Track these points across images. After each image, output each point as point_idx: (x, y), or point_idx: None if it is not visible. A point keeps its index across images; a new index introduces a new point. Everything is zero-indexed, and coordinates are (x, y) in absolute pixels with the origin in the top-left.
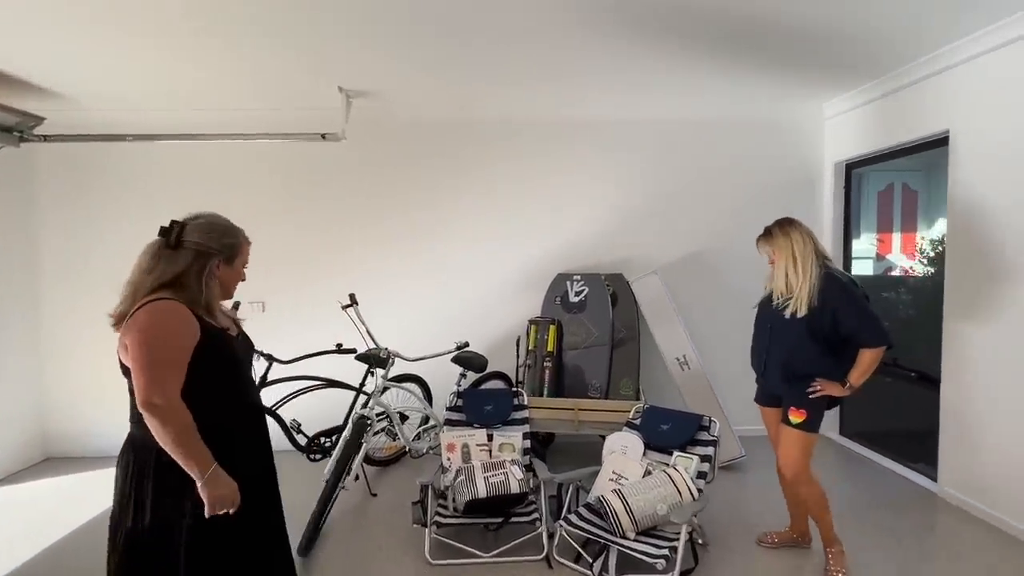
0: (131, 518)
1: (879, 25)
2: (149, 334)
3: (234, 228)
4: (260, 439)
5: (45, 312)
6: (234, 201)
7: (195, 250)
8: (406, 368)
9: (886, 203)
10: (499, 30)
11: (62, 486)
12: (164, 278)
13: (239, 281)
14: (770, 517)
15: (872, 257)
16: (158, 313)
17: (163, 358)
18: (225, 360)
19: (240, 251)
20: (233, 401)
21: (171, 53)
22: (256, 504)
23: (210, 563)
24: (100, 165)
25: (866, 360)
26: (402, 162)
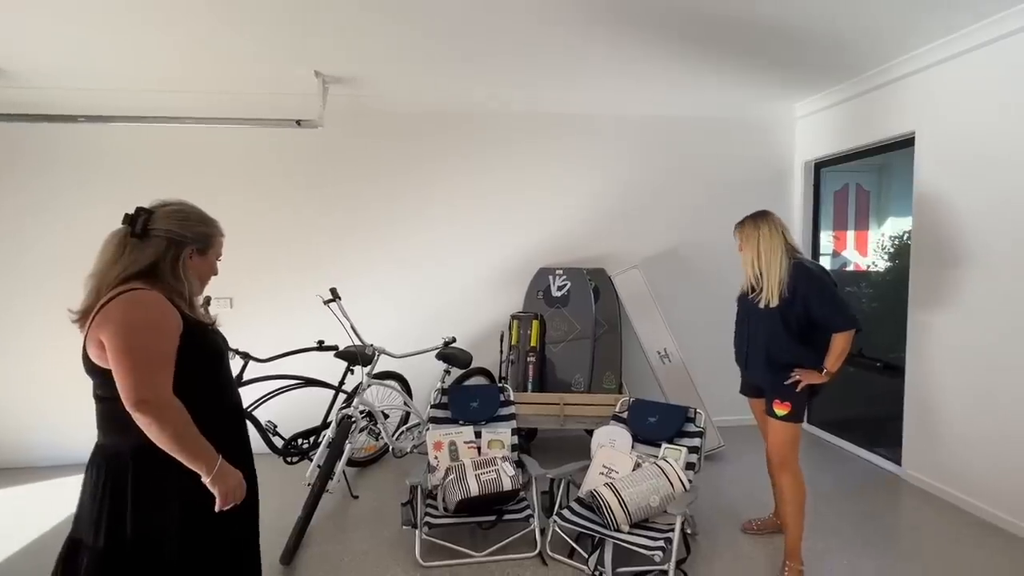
0: (103, 537)
1: (850, 28)
2: (132, 326)
3: (209, 218)
4: (242, 443)
5: None
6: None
7: (167, 238)
8: (386, 365)
9: (841, 202)
10: (481, 21)
11: (12, 498)
12: (132, 269)
13: (211, 275)
14: (751, 504)
15: (829, 254)
16: (139, 303)
17: (151, 351)
18: (209, 357)
19: (214, 242)
20: (216, 402)
21: (130, 26)
22: (239, 513)
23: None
24: (47, 148)
25: (839, 344)
26: (382, 152)
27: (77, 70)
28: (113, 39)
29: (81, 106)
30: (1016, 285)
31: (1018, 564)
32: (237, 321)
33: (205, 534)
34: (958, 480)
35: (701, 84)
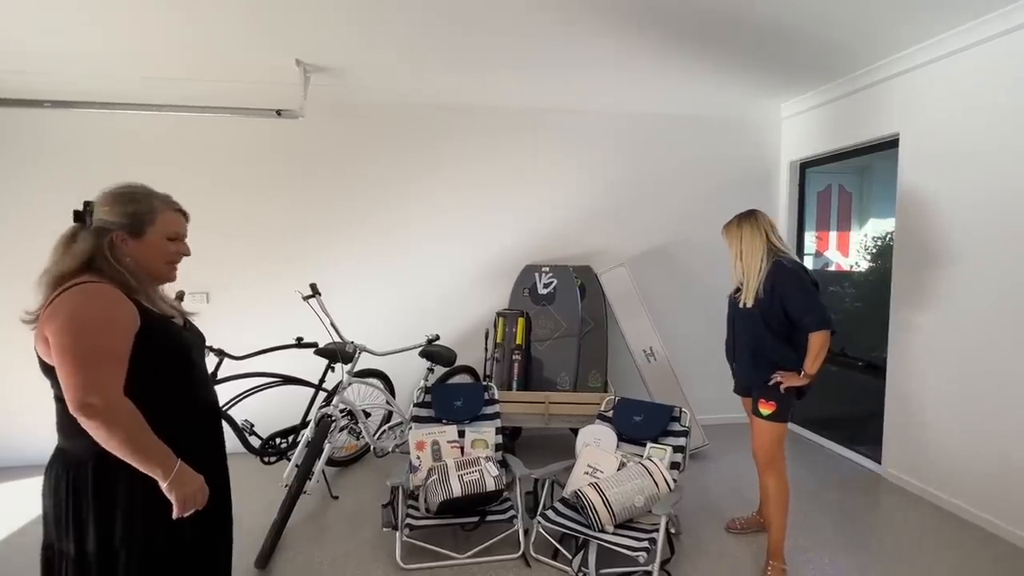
0: (72, 543)
1: (838, 30)
2: (76, 321)
3: (140, 194)
4: (215, 445)
5: None
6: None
7: (96, 230)
8: (367, 363)
9: (824, 203)
10: (467, 15)
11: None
12: (74, 263)
13: (166, 259)
14: (735, 502)
15: (812, 254)
16: (85, 295)
17: (97, 348)
18: (172, 352)
19: (152, 220)
20: (184, 400)
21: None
22: (210, 518)
23: None
24: (13, 135)
25: (815, 345)
26: (365, 146)
27: (44, 53)
28: (88, 24)
29: (47, 91)
30: (997, 285)
31: (997, 562)
32: (214, 316)
33: (171, 541)
34: (938, 479)
35: (689, 82)
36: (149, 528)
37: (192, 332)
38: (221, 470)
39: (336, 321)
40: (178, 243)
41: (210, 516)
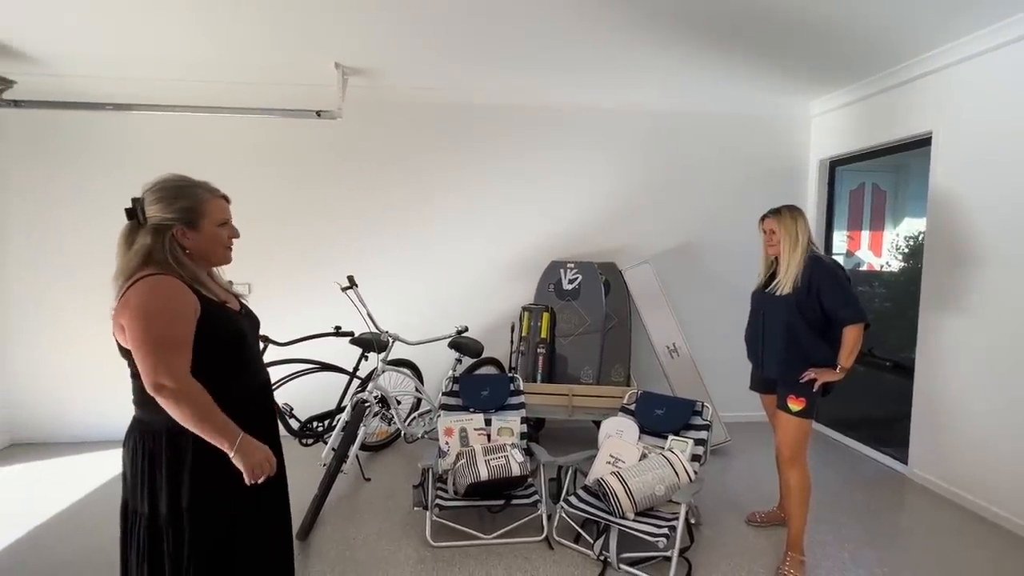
0: (146, 505)
1: (870, 26)
2: (146, 310)
3: (187, 188)
4: (268, 421)
5: (12, 295)
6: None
7: (152, 227)
8: (398, 353)
9: (857, 202)
10: (498, 15)
11: (28, 472)
12: (137, 259)
13: (223, 244)
14: (755, 497)
15: (843, 253)
16: (151, 288)
17: (165, 335)
18: (229, 336)
19: (203, 211)
20: (239, 380)
21: (156, 15)
22: (261, 489)
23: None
24: (77, 136)
25: (850, 339)
26: (398, 143)
27: (106, 58)
28: (142, 28)
29: (109, 95)
30: None
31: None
32: (256, 305)
33: (234, 508)
34: (965, 480)
35: (716, 80)
36: (213, 494)
37: (248, 316)
38: (274, 444)
39: (371, 311)
40: (228, 227)
41: (267, 487)
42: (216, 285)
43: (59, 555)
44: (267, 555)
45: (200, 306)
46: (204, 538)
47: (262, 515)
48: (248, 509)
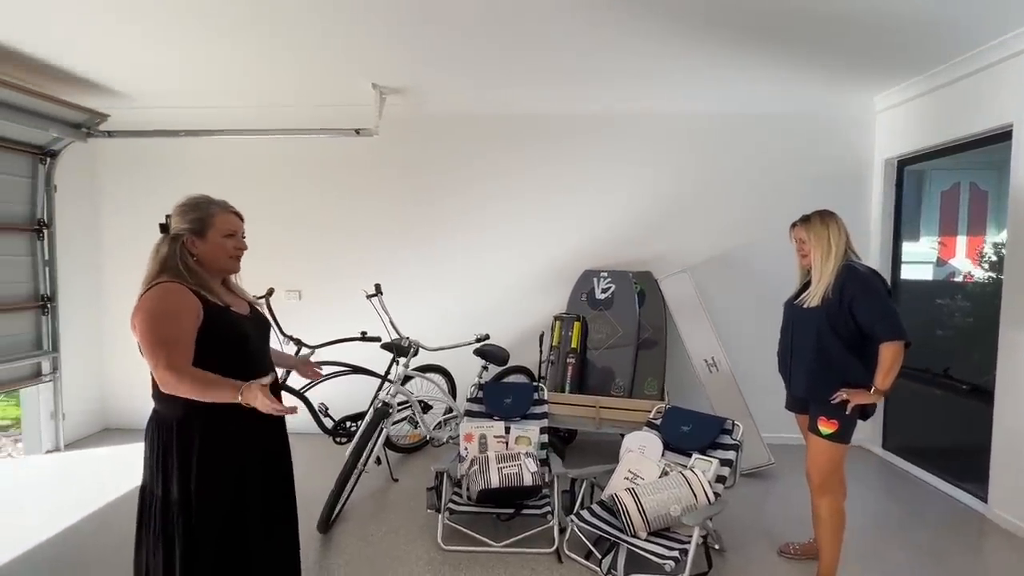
0: (160, 488)
1: (937, 11)
2: (152, 313)
3: (200, 202)
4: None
5: (106, 294)
6: (272, 193)
7: (172, 235)
8: (431, 359)
9: (951, 203)
10: (532, 27)
11: (117, 454)
12: (156, 266)
13: (228, 253)
14: (795, 527)
15: (932, 262)
16: (158, 294)
17: (167, 334)
18: (231, 336)
19: (211, 223)
20: (239, 374)
21: (221, 52)
22: (265, 477)
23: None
24: (156, 159)
25: (887, 358)
26: (432, 156)
27: (178, 92)
28: (206, 64)
29: (183, 122)
30: None
31: None
32: (306, 311)
33: (238, 493)
34: None
35: (764, 78)
36: (219, 479)
37: (255, 319)
38: (280, 435)
39: (404, 318)
40: (235, 239)
41: (272, 477)
42: (223, 290)
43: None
44: (272, 539)
45: (203, 310)
46: (211, 519)
47: (266, 500)
48: (253, 493)
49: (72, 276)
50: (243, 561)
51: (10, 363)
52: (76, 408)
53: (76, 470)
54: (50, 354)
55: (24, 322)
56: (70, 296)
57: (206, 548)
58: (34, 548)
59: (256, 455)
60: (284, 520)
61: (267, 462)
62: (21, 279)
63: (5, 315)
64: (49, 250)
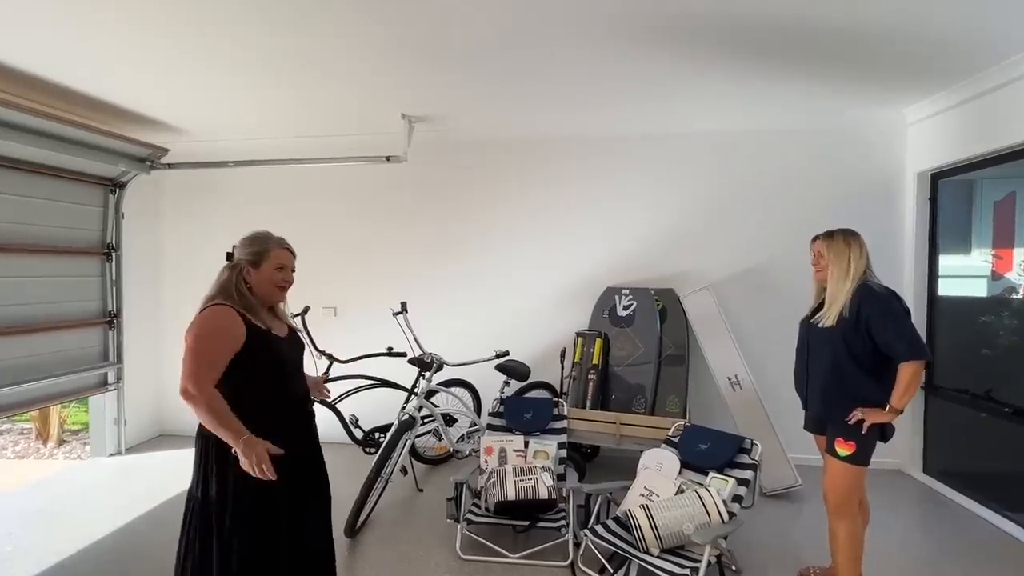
0: (200, 490)
1: (965, 24)
2: (197, 332)
3: (260, 237)
4: (305, 426)
5: (164, 308)
6: (309, 217)
7: (232, 264)
8: (456, 374)
9: (1005, 214)
10: (555, 55)
11: (171, 458)
12: (216, 290)
13: (278, 284)
14: (817, 551)
15: (986, 276)
16: (208, 316)
17: (202, 354)
18: (269, 357)
19: (266, 256)
20: (276, 393)
21: (268, 92)
22: (296, 484)
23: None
24: (209, 187)
25: (905, 377)
26: (457, 178)
27: (228, 126)
28: (252, 101)
29: (232, 154)
30: None
31: None
32: (340, 326)
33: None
34: None
35: (792, 94)
36: (252, 487)
37: (292, 341)
38: (312, 445)
39: (431, 335)
40: (284, 272)
41: (304, 483)
42: (268, 315)
43: None
44: (307, 542)
45: (246, 333)
46: (244, 520)
47: (300, 505)
48: (283, 496)
49: (134, 294)
50: (273, 560)
51: (82, 373)
52: (136, 415)
53: (135, 472)
54: (115, 365)
55: (93, 336)
56: (132, 312)
57: (240, 547)
58: (97, 542)
59: (288, 461)
60: (317, 522)
61: (299, 467)
62: (92, 298)
63: (78, 330)
64: (116, 271)
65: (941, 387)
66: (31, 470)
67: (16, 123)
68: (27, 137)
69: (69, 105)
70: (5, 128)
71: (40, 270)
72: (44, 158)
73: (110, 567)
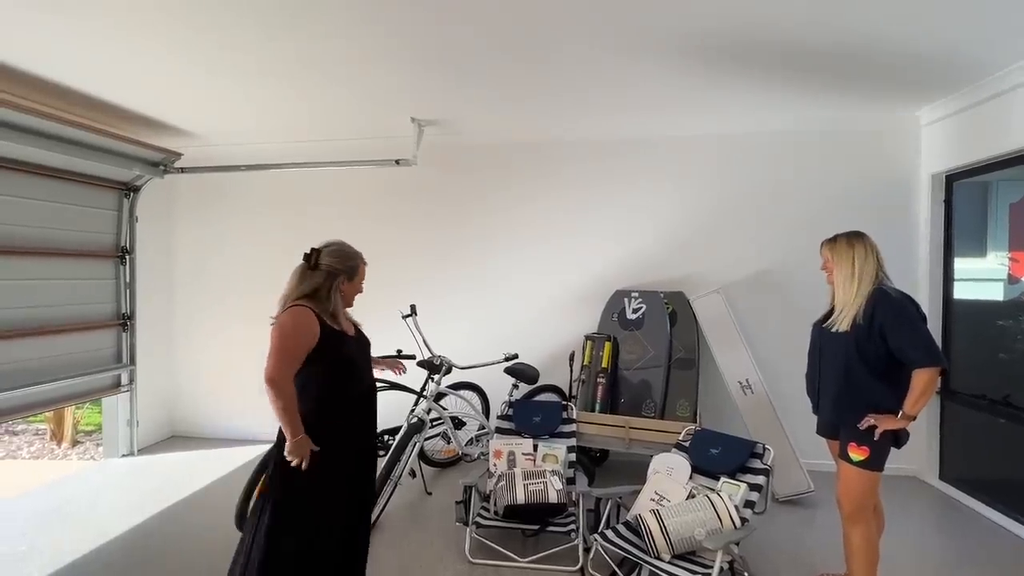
0: (271, 475)
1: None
2: (284, 328)
3: (355, 253)
4: (368, 420)
5: (176, 311)
6: (320, 220)
7: (327, 271)
8: (465, 377)
9: (1022, 216)
10: (566, 60)
11: (183, 459)
12: (304, 291)
13: (357, 293)
14: (832, 557)
15: (1003, 279)
16: (291, 313)
17: (286, 349)
18: (339, 356)
19: (359, 271)
20: (344, 388)
21: (279, 97)
22: (353, 474)
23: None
24: (220, 190)
25: (919, 384)
26: (467, 181)
27: (240, 132)
28: (266, 108)
29: (243, 158)
30: None
31: None
32: None
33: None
34: None
35: (800, 96)
36: (318, 474)
37: (359, 340)
38: (371, 437)
39: (440, 338)
40: (363, 283)
41: (362, 472)
42: (343, 318)
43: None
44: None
45: (320, 333)
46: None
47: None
48: (344, 485)
49: (147, 297)
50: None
51: (96, 374)
52: (148, 416)
53: (147, 473)
54: (128, 367)
55: (107, 338)
56: (144, 315)
57: (302, 521)
58: (109, 541)
59: (351, 449)
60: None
61: (360, 456)
62: (106, 300)
63: (93, 332)
64: (130, 274)
65: (958, 392)
66: (46, 470)
67: (35, 128)
68: (46, 142)
69: (85, 111)
70: (26, 133)
71: (56, 273)
72: (62, 163)
73: (123, 566)
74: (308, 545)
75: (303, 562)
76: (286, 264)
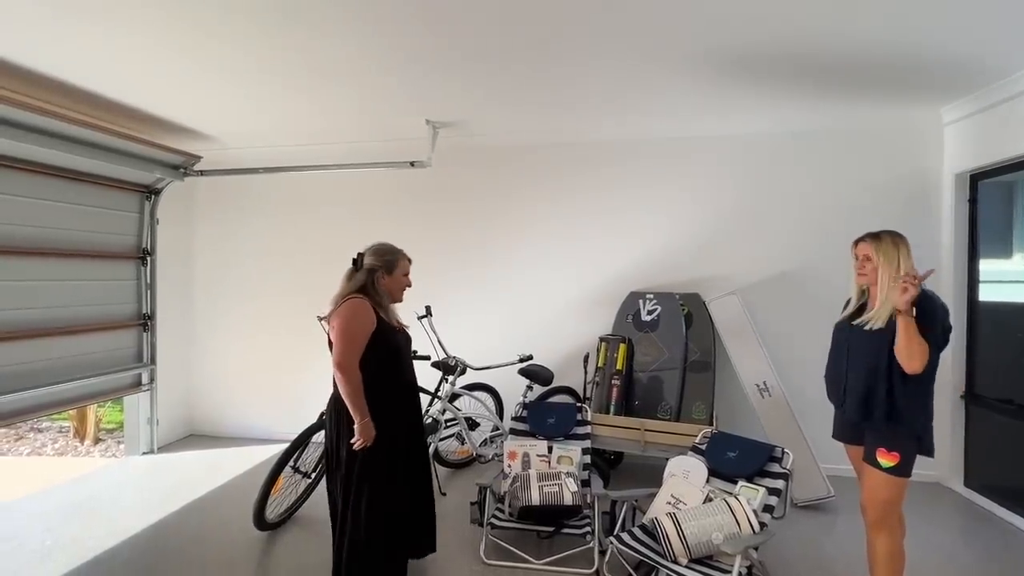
0: (334, 445)
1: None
2: (346, 317)
3: (392, 249)
4: (413, 407)
5: (196, 311)
6: (336, 221)
7: (368, 268)
8: (479, 378)
9: None
10: (589, 63)
11: (201, 457)
12: (352, 288)
13: (403, 287)
14: (852, 564)
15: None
16: (353, 306)
17: (352, 335)
18: (390, 347)
19: (397, 264)
20: (393, 377)
21: (297, 102)
22: (407, 447)
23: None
24: (239, 192)
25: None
26: (481, 183)
27: (258, 135)
28: (284, 111)
29: (262, 161)
30: None
31: None
32: None
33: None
34: None
35: (817, 98)
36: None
37: (404, 335)
38: (417, 421)
39: (453, 339)
40: (407, 278)
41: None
42: (391, 312)
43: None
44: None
45: (376, 324)
46: (368, 472)
47: (410, 456)
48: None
49: (167, 297)
50: (394, 503)
51: (118, 373)
52: (167, 415)
53: (166, 471)
54: (149, 366)
55: (129, 338)
56: (164, 315)
57: (368, 493)
58: (131, 537)
59: (402, 427)
60: (424, 472)
61: (409, 434)
62: (128, 300)
63: (115, 332)
64: (151, 275)
65: (983, 397)
66: (69, 467)
67: (62, 133)
68: (70, 146)
69: (110, 115)
70: (51, 138)
71: (79, 274)
72: (86, 166)
73: (144, 561)
74: (393, 507)
75: (392, 523)
76: (302, 265)
